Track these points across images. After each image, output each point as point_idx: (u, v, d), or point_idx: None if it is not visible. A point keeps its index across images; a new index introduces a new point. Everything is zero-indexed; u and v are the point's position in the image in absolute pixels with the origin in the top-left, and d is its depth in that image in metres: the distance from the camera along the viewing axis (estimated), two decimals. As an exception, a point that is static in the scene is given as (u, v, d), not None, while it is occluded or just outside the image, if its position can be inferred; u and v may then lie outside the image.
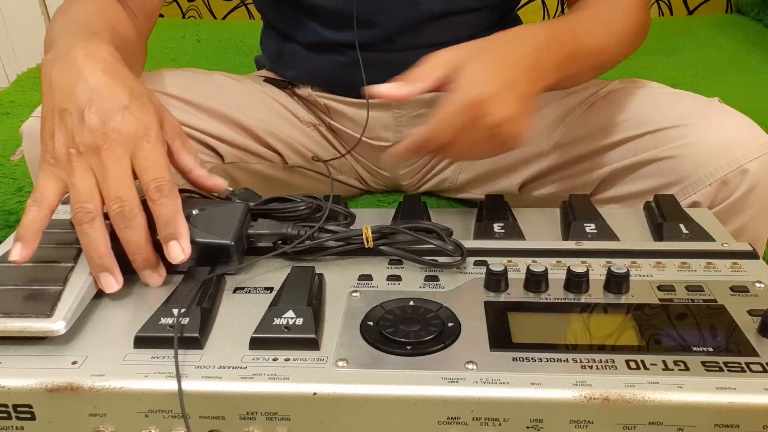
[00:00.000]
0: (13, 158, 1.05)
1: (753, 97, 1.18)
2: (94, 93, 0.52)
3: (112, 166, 0.50)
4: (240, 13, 1.86)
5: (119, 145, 0.50)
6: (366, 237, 0.54)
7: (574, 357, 0.44)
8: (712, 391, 0.41)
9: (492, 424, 0.42)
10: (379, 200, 0.92)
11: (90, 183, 0.50)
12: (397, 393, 0.42)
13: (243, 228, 0.54)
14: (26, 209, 0.50)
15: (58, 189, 0.51)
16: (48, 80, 0.54)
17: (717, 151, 0.67)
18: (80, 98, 0.52)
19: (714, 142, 0.68)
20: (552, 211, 0.65)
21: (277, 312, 0.47)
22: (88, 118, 0.51)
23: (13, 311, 0.46)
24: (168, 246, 0.50)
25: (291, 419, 0.42)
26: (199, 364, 0.44)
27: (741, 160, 0.66)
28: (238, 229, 0.53)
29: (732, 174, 0.66)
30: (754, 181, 0.66)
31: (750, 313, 0.48)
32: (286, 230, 0.55)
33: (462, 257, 0.54)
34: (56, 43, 0.58)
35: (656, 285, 0.51)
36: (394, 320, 0.47)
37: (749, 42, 1.50)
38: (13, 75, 2.00)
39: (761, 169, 0.66)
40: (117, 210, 0.49)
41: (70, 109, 0.51)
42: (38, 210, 0.49)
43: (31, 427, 0.44)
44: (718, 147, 0.67)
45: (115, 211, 0.49)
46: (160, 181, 0.50)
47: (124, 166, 0.50)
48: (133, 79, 0.55)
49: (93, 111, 0.51)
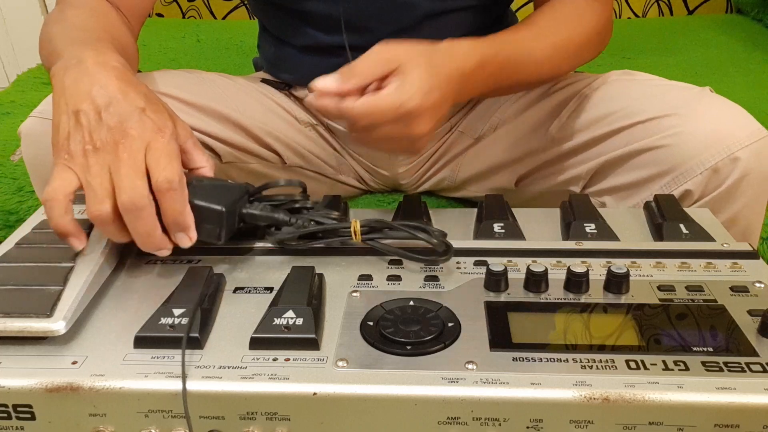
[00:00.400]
0: (13, 158, 1.05)
1: (753, 97, 1.18)
2: (112, 96, 0.53)
3: (127, 159, 0.50)
4: (240, 13, 1.86)
5: (136, 141, 0.51)
6: (354, 230, 0.55)
7: (574, 357, 0.44)
8: (712, 391, 0.41)
9: (492, 424, 0.42)
10: (379, 200, 0.92)
11: (105, 182, 0.50)
12: (397, 393, 0.42)
13: (237, 204, 0.55)
14: (46, 205, 0.50)
15: (73, 183, 0.51)
16: (61, 87, 0.54)
17: (708, 140, 0.67)
18: (98, 100, 0.52)
19: (705, 130, 0.67)
20: (552, 211, 0.65)
21: (277, 312, 0.47)
22: (105, 117, 0.52)
23: (13, 311, 0.46)
24: (175, 237, 0.52)
25: (291, 419, 0.42)
26: (199, 364, 0.44)
27: (732, 148, 0.66)
28: (232, 203, 0.54)
29: (723, 162, 0.66)
30: (746, 169, 0.66)
31: (750, 313, 0.48)
32: (278, 215, 0.56)
33: (448, 255, 0.54)
34: (62, 52, 0.59)
35: (656, 285, 0.51)
36: (394, 320, 0.47)
37: (749, 42, 1.51)
38: (13, 75, 2.00)
39: (752, 156, 0.66)
40: (127, 201, 0.49)
41: (86, 110, 0.52)
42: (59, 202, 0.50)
43: (31, 427, 0.44)
44: (709, 135, 0.67)
45: (125, 202, 0.49)
46: (171, 175, 0.50)
47: (139, 160, 0.51)
48: (144, 86, 0.56)
49: (111, 112, 0.52)
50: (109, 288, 0.53)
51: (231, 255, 0.57)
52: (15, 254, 0.53)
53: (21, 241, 0.54)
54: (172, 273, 0.54)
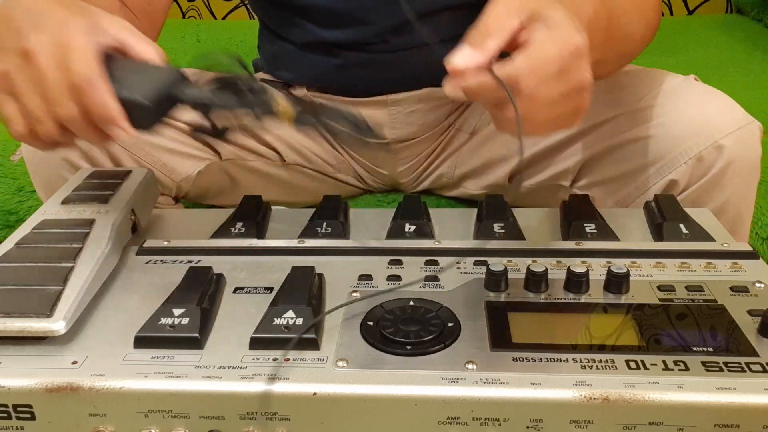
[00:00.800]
0: (13, 158, 1.05)
1: (753, 97, 1.18)
2: (32, 9, 0.50)
3: (41, 67, 0.48)
4: (240, 13, 1.86)
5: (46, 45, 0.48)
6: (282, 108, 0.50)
7: (574, 357, 0.44)
8: (712, 391, 0.41)
9: (492, 424, 0.42)
10: (379, 200, 0.92)
11: (33, 100, 0.48)
12: (397, 393, 0.42)
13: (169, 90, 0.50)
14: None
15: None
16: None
17: (691, 129, 0.66)
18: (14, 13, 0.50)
19: (688, 119, 0.67)
20: (552, 211, 0.65)
21: (277, 312, 0.47)
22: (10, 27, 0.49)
23: (13, 311, 0.46)
24: (110, 132, 0.49)
25: (291, 419, 0.42)
26: (199, 364, 0.44)
27: (715, 136, 0.65)
28: (161, 89, 0.50)
29: (707, 151, 0.65)
30: (731, 156, 0.65)
31: (750, 313, 0.48)
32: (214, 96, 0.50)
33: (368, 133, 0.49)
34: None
35: (656, 285, 0.51)
36: (394, 320, 0.47)
37: (749, 42, 1.51)
38: (13, 75, 1.99)
39: (737, 144, 0.65)
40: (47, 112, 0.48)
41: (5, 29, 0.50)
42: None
43: (31, 427, 0.44)
44: (693, 124, 0.66)
45: (56, 114, 0.48)
46: (78, 71, 0.47)
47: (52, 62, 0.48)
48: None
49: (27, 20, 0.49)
50: (109, 288, 0.53)
51: (231, 255, 0.57)
52: (15, 254, 0.53)
53: (21, 241, 0.54)
54: (172, 273, 0.54)
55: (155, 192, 0.67)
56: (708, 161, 0.66)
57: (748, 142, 0.66)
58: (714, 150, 0.65)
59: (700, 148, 0.66)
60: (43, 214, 0.58)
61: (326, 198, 0.65)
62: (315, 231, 0.60)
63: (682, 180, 0.67)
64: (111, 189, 0.61)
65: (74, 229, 0.55)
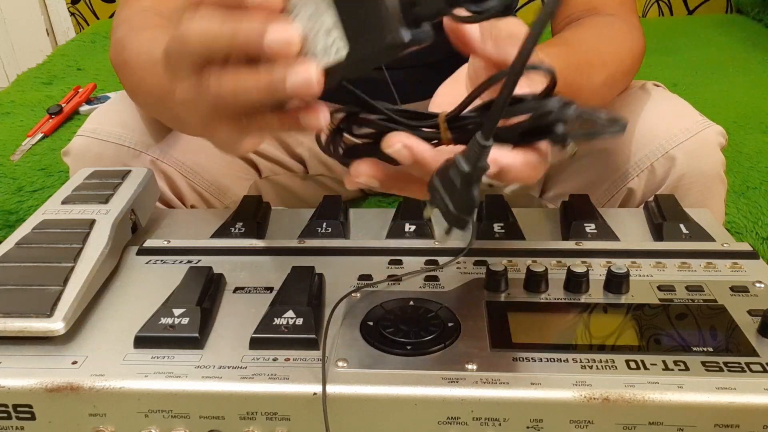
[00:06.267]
0: (13, 158, 1.05)
1: (753, 97, 1.18)
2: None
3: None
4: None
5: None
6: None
7: (574, 357, 0.44)
8: (712, 391, 0.41)
9: (492, 424, 0.42)
10: (379, 200, 0.92)
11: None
12: (397, 393, 0.42)
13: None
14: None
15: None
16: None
17: (644, 139, 0.65)
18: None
19: (642, 129, 0.65)
20: (552, 211, 0.66)
21: (277, 312, 0.47)
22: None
23: (13, 311, 0.46)
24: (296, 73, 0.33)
25: (291, 419, 0.42)
26: (199, 364, 0.44)
27: (666, 147, 0.64)
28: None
29: (658, 162, 0.64)
30: (681, 169, 0.63)
31: (750, 313, 0.48)
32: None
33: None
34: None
35: (656, 285, 0.51)
36: (394, 320, 0.47)
37: (749, 42, 1.51)
38: (13, 75, 2.00)
39: (686, 155, 0.63)
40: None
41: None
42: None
43: (31, 427, 0.44)
44: (645, 134, 0.65)
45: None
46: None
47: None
48: None
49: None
50: (109, 288, 0.53)
51: (231, 255, 0.57)
52: (15, 254, 0.53)
53: (21, 241, 0.54)
54: (172, 273, 0.54)
55: (155, 192, 0.67)
56: (660, 173, 0.65)
57: (699, 151, 0.64)
58: (666, 161, 0.64)
59: (651, 160, 0.64)
60: (44, 214, 0.58)
61: (326, 198, 0.65)
62: (315, 231, 0.60)
63: (638, 192, 0.66)
64: (111, 189, 0.61)
65: (74, 229, 0.55)
